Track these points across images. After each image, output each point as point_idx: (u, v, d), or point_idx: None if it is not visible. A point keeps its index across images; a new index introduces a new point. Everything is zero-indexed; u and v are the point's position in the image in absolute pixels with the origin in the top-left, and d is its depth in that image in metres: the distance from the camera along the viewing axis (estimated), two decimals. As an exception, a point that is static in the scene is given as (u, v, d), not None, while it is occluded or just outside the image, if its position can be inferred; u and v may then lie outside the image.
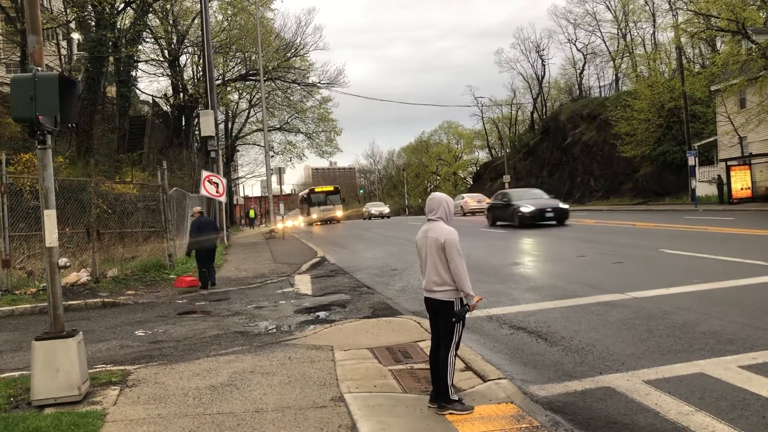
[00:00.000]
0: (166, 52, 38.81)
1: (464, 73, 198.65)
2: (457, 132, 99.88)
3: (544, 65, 74.72)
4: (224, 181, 22.58)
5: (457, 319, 5.13)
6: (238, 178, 65.35)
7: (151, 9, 31.80)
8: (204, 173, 21.64)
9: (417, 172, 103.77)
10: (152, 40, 38.09)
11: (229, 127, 52.01)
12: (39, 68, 5.93)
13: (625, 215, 30.21)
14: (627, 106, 45.15)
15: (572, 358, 6.55)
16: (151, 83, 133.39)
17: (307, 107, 52.79)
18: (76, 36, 35.40)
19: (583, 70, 69.88)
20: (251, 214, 62.76)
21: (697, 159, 36.65)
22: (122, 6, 28.33)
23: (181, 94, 37.93)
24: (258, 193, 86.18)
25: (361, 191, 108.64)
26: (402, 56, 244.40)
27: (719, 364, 5.91)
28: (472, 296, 5.10)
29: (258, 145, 57.32)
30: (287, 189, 76.78)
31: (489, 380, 5.79)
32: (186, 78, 39.67)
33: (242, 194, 75.03)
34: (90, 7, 26.58)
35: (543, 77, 75.12)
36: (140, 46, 33.85)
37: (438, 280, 5.16)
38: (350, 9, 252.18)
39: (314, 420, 5.06)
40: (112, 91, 35.93)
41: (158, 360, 7.34)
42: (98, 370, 6.82)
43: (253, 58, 40.58)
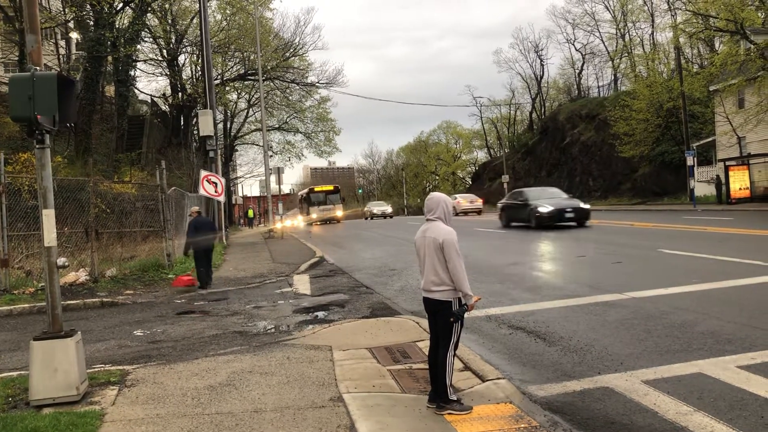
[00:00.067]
0: (165, 51, 38.77)
1: (463, 73, 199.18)
2: (456, 132, 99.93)
3: (542, 65, 75.05)
4: (223, 180, 22.57)
5: (455, 319, 5.13)
6: (236, 178, 65.26)
7: (149, 8, 31.75)
8: (203, 173, 21.62)
9: (416, 171, 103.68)
10: (151, 39, 38.07)
11: (228, 126, 51.96)
12: (37, 68, 5.92)
13: (623, 215, 30.25)
14: (625, 106, 45.21)
15: (571, 358, 6.56)
16: (150, 83, 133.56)
17: (306, 107, 52.89)
18: (74, 35, 35.31)
19: (582, 70, 70.11)
20: (250, 213, 62.59)
21: (695, 159, 36.73)
22: (121, 5, 28.30)
23: (180, 93, 37.94)
24: (257, 192, 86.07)
25: (360, 191, 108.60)
26: (401, 56, 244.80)
27: (718, 364, 5.91)
28: (471, 296, 5.09)
29: (257, 145, 57.35)
30: (286, 189, 76.58)
31: (488, 380, 5.79)
32: (185, 77, 39.70)
33: (241, 194, 74.95)
34: (88, 7, 26.50)
35: (542, 77, 75.36)
36: (139, 46, 33.81)
37: (436, 279, 5.15)
38: (349, 9, 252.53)
39: (313, 420, 5.05)
40: (110, 90, 35.87)
41: (157, 360, 7.33)
42: (97, 370, 6.81)
43: (252, 57, 40.62)
